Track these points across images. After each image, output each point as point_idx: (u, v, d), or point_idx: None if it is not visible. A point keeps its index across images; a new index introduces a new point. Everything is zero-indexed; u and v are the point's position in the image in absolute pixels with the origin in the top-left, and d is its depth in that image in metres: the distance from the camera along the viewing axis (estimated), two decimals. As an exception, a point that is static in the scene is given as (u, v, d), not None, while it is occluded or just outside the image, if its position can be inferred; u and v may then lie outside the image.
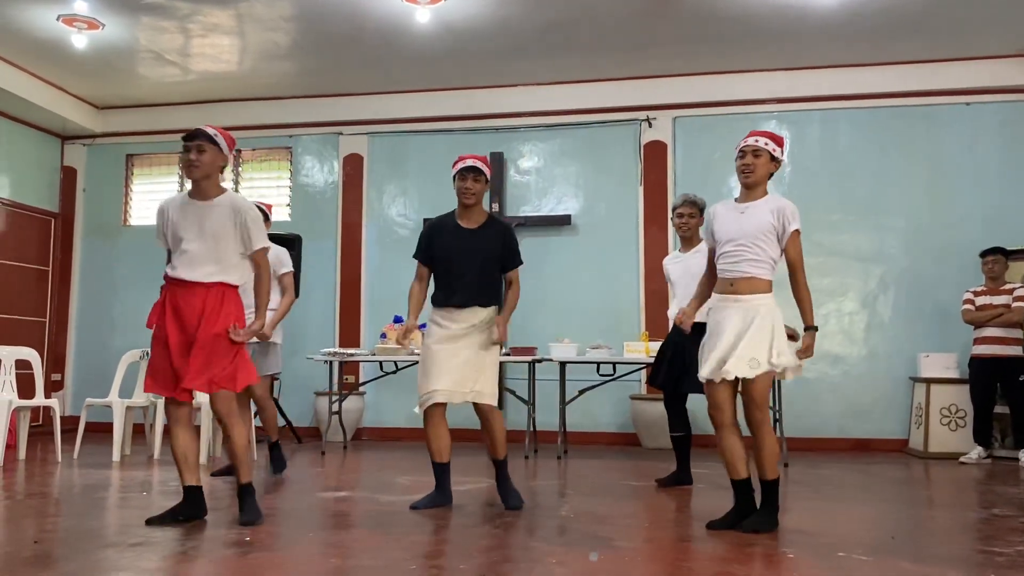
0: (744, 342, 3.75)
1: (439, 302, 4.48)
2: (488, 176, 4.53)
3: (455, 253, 4.44)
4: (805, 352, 3.87)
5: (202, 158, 3.95)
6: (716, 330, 3.87)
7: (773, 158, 3.91)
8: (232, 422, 3.89)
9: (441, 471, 4.44)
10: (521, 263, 4.57)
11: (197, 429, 5.95)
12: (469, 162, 4.46)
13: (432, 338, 4.43)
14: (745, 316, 3.79)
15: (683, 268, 5.31)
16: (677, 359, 5.23)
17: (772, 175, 3.97)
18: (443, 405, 4.38)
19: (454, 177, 4.51)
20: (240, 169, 9.41)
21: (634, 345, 6.91)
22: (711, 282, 4.05)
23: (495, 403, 4.39)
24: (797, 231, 3.87)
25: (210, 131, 3.98)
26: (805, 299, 3.91)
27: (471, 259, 4.40)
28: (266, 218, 5.97)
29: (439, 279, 4.52)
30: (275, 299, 5.55)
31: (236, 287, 3.97)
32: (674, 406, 5.38)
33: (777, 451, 3.86)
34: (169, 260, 4.02)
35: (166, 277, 3.97)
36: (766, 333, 3.76)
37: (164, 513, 3.91)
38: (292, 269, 5.84)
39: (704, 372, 3.88)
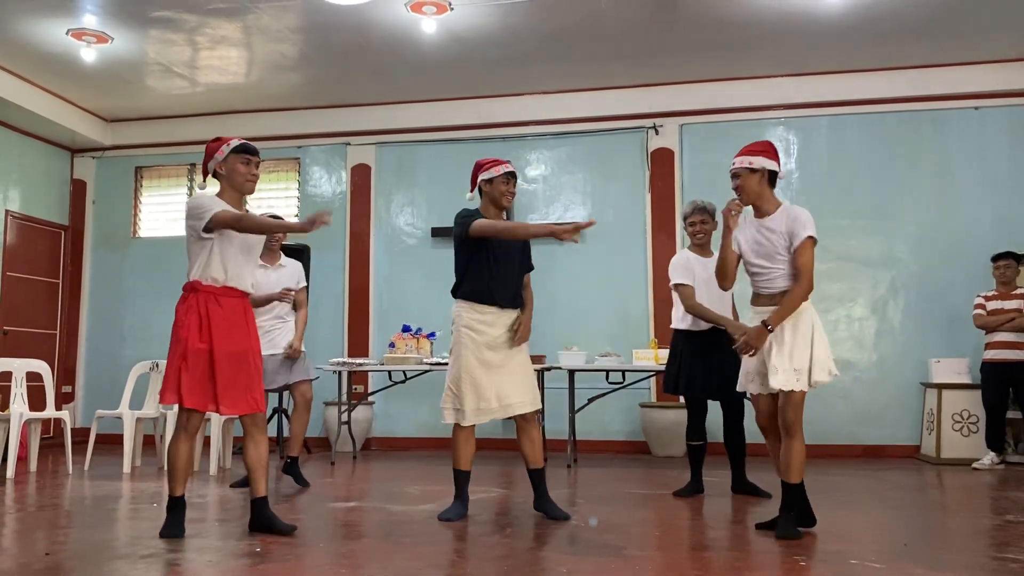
0: (789, 353, 3.78)
1: (482, 298, 4.31)
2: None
3: (504, 252, 4.34)
4: (741, 336, 3.86)
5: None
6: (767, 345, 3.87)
7: (752, 170, 3.90)
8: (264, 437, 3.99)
9: (465, 479, 4.41)
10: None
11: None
12: (510, 167, 4.45)
13: (474, 347, 4.29)
14: (786, 325, 3.81)
15: (710, 275, 5.21)
16: (703, 366, 5.18)
17: (775, 181, 3.97)
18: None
19: (493, 179, 4.39)
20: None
21: (643, 352, 6.89)
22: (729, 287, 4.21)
23: (539, 406, 4.41)
24: (810, 238, 3.81)
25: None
26: (787, 302, 3.80)
27: (515, 260, 4.38)
28: None
29: (483, 273, 4.31)
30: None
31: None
32: (695, 414, 5.33)
33: (804, 456, 3.83)
34: (211, 267, 3.86)
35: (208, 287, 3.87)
36: (807, 342, 3.79)
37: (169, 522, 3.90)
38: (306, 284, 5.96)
39: (753, 387, 3.95)
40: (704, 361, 5.16)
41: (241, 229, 3.78)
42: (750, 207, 3.98)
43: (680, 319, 5.29)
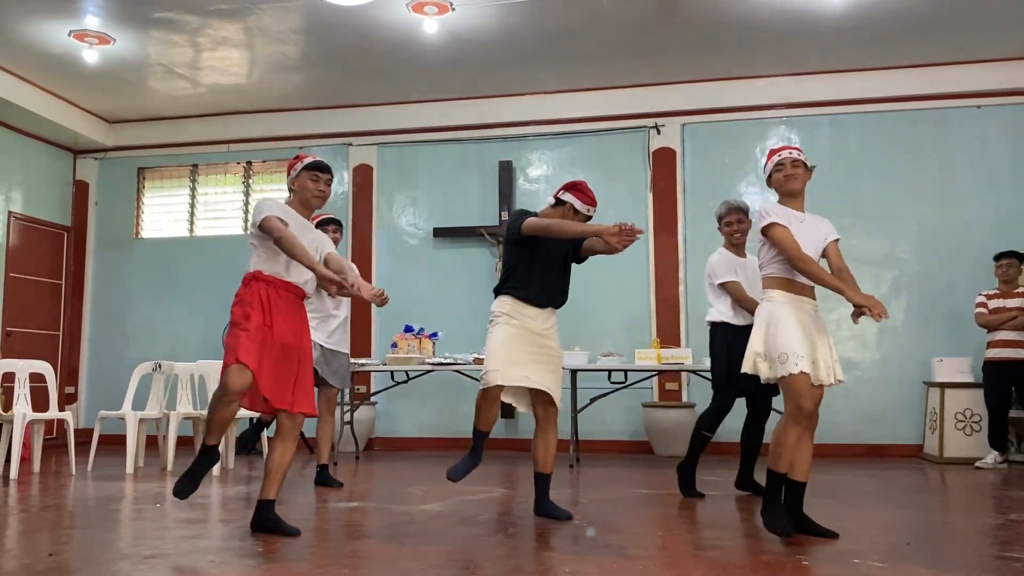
0: (830, 348, 3.80)
1: (525, 297, 4.36)
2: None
3: (549, 256, 4.38)
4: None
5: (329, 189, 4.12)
6: (807, 332, 3.76)
7: (807, 168, 4.00)
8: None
9: (481, 438, 4.33)
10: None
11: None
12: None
13: (518, 328, 4.31)
14: (819, 322, 3.85)
15: (748, 276, 5.17)
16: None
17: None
18: (502, 389, 4.27)
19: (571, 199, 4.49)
20: (251, 181, 9.45)
21: (645, 352, 6.89)
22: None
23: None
24: (837, 241, 4.00)
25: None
26: (850, 279, 3.87)
27: (557, 264, 4.41)
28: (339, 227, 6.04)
29: (527, 274, 4.36)
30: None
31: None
32: (727, 410, 5.23)
33: (792, 449, 3.78)
34: (271, 261, 3.94)
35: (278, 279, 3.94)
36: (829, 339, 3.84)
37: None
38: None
39: (821, 375, 3.74)
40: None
41: (277, 243, 3.82)
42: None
43: (722, 313, 5.20)
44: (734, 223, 5.32)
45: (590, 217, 4.48)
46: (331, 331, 5.71)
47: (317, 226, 5.12)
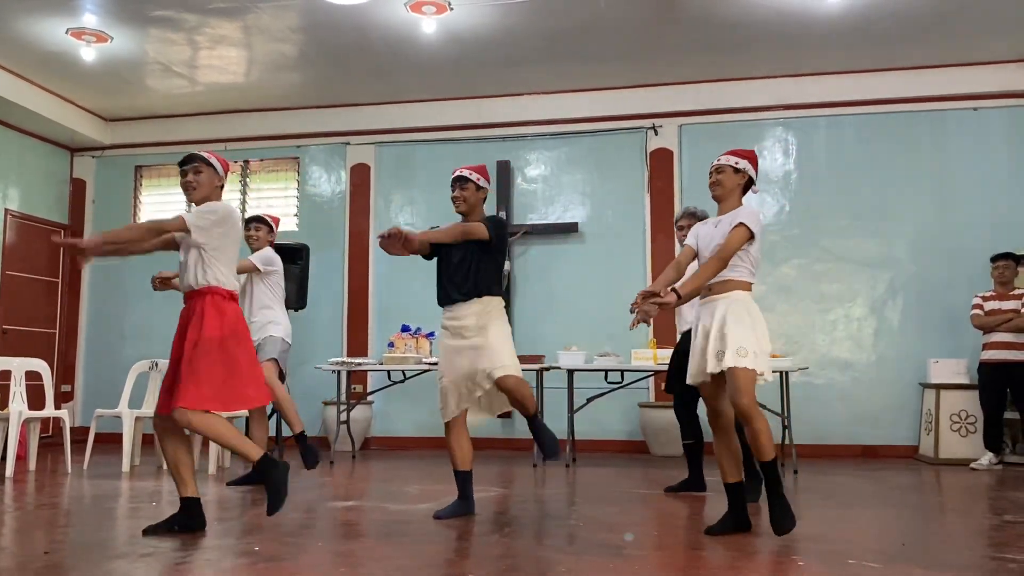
0: (727, 334, 3.76)
1: (442, 300, 4.47)
2: (478, 183, 4.50)
3: (448, 253, 4.46)
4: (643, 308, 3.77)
5: (199, 179, 4.11)
6: (698, 332, 3.94)
7: (736, 170, 4.05)
8: (189, 427, 3.83)
9: (464, 480, 4.41)
10: (488, 221, 4.49)
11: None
12: (457, 172, 4.53)
13: (445, 346, 4.44)
14: (722, 309, 3.84)
15: None
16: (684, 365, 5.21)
17: (747, 188, 4.09)
18: (463, 412, 4.38)
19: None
20: (248, 180, 9.45)
21: (642, 352, 6.89)
22: (675, 278, 3.99)
23: (518, 372, 4.25)
24: (741, 224, 3.85)
25: (204, 154, 4.14)
26: (694, 276, 3.86)
27: (461, 255, 4.41)
28: (271, 229, 6.06)
29: (439, 280, 4.49)
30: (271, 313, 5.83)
31: (219, 292, 3.97)
32: (684, 413, 5.37)
33: (770, 432, 3.77)
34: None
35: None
36: (746, 323, 3.78)
37: (160, 523, 3.92)
38: (248, 260, 5.77)
39: (691, 379, 3.93)
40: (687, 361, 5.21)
41: None
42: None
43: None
44: (685, 228, 5.42)
45: (459, 178, 4.53)
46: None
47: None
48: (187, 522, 3.92)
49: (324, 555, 3.50)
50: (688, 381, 4.00)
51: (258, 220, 6.04)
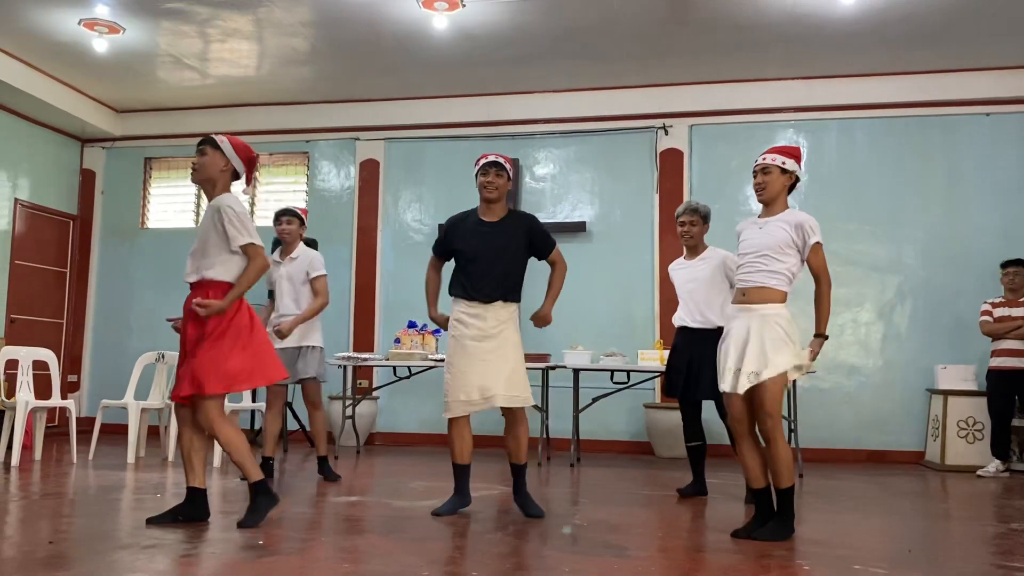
0: (748, 354, 3.79)
1: (462, 294, 4.36)
2: (510, 174, 4.46)
3: (479, 248, 4.36)
4: (811, 356, 3.92)
5: (202, 160, 4.02)
6: (728, 340, 3.93)
7: (784, 171, 3.95)
8: (211, 429, 3.86)
9: (462, 473, 4.40)
10: (555, 243, 4.56)
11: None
12: (491, 157, 4.43)
13: (459, 338, 4.31)
14: (751, 325, 3.83)
15: (688, 275, 5.30)
16: (686, 367, 5.21)
17: (792, 188, 4.02)
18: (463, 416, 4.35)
19: (476, 175, 4.44)
20: (257, 174, 9.43)
21: (648, 353, 6.88)
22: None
23: (531, 403, 4.30)
24: (819, 243, 3.89)
25: (217, 138, 4.05)
26: (820, 308, 3.97)
27: (496, 254, 4.34)
28: (302, 223, 5.95)
29: (462, 272, 4.40)
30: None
31: (223, 284, 3.94)
32: (688, 415, 5.35)
33: (790, 459, 3.85)
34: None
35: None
36: (767, 343, 3.80)
37: (164, 513, 3.95)
38: (323, 273, 5.81)
39: (722, 385, 3.92)
40: (689, 363, 5.21)
41: None
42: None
43: (677, 317, 5.39)
44: (687, 224, 5.35)
45: (493, 163, 4.44)
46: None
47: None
48: (191, 512, 3.93)
49: (328, 550, 3.50)
50: (721, 388, 3.95)
51: (290, 213, 5.87)
